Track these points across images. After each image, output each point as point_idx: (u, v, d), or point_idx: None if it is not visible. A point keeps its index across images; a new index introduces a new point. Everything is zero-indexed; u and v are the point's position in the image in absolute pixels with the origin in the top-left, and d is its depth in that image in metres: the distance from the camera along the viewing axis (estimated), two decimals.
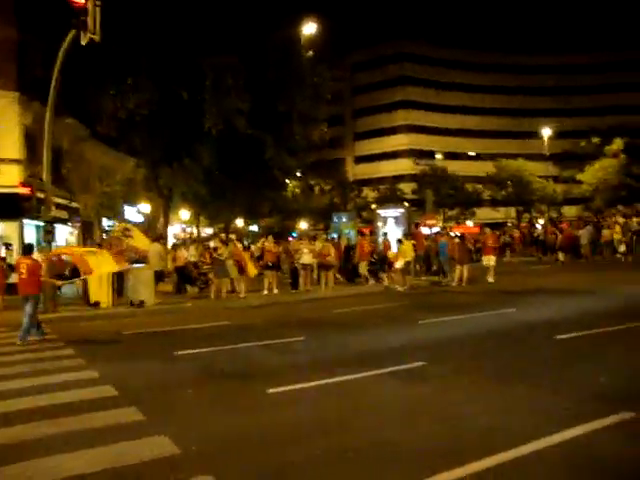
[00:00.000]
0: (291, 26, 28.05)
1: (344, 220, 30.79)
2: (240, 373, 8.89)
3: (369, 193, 71.19)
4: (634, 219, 34.23)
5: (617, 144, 64.51)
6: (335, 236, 28.11)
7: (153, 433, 6.04)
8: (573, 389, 7.26)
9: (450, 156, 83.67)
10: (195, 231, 50.74)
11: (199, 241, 36.11)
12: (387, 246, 22.62)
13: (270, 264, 20.63)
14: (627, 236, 30.26)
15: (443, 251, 22.40)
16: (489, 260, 21.76)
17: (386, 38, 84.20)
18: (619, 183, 62.68)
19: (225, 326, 14.26)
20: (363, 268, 22.47)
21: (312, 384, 7.84)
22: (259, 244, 24.11)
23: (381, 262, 22.60)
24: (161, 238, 26.38)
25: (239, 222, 54.78)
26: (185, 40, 25.28)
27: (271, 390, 7.61)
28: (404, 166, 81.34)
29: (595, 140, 69.07)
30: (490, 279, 21.25)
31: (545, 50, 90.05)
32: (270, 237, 22.70)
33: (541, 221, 55.42)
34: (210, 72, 25.36)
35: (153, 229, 33.29)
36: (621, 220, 33.15)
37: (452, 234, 25.57)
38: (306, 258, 20.77)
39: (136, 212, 36.92)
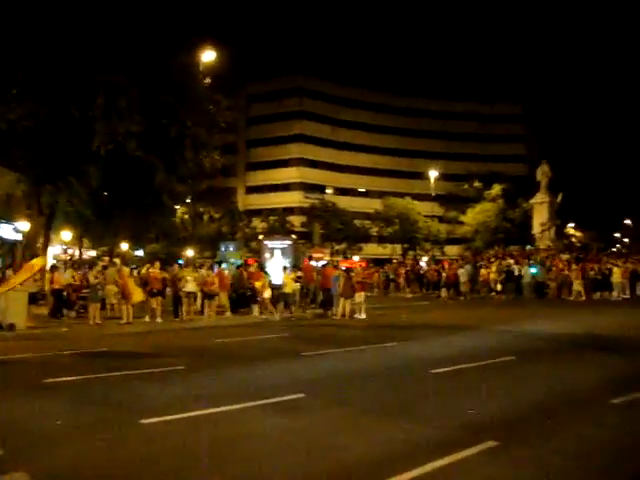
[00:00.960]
0: (191, 52, 27.87)
1: (231, 249, 30.67)
2: (114, 403, 8.54)
3: (259, 224, 71.16)
4: (509, 260, 36.22)
5: (496, 189, 69.09)
6: (224, 265, 27.86)
7: (10, 469, 5.60)
8: (445, 420, 7.50)
9: (341, 191, 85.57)
10: (77, 253, 48.73)
11: (81, 264, 34.72)
12: (256, 276, 22.51)
13: (155, 291, 20.14)
14: (502, 276, 32.00)
15: (335, 285, 22.62)
16: (359, 296, 21.68)
17: (285, 72, 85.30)
18: (497, 226, 66.35)
19: (102, 353, 13.71)
20: (224, 299, 22.20)
21: (188, 415, 7.66)
22: (144, 270, 23.48)
23: (248, 293, 22.59)
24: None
25: (124, 246, 53.14)
26: (78, 55, 24.48)
27: (144, 421, 7.36)
28: (295, 199, 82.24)
29: (477, 184, 73.49)
30: (362, 315, 21.31)
31: (436, 96, 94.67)
32: (156, 263, 22.19)
33: (425, 258, 57.35)
34: (103, 91, 24.67)
35: (31, 249, 31.66)
36: (496, 261, 34.94)
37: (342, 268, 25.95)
38: (190, 286, 20.45)
39: (13, 230, 35.04)
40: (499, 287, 31.34)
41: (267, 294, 21.01)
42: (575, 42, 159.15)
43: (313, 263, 26.62)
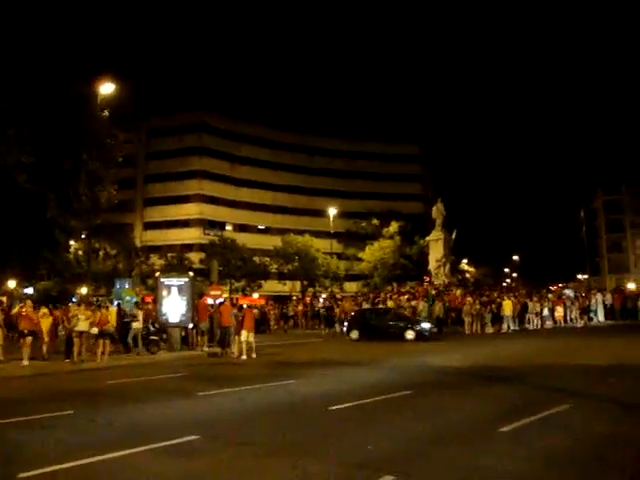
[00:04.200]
0: (89, 83, 27.18)
1: (127, 286, 29.73)
2: None
3: (156, 260, 69.50)
4: (406, 297, 37.06)
5: (393, 227, 71.08)
6: (116, 302, 26.96)
7: None
8: (343, 457, 7.49)
9: (240, 228, 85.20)
10: None
11: None
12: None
13: (25, 331, 18.93)
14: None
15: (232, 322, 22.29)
16: (248, 336, 20.69)
17: (186, 107, 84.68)
18: (394, 262, 67.93)
19: None
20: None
21: (75, 464, 7.21)
22: (15, 309, 22.12)
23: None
24: None
25: (12, 283, 50.49)
26: None
27: (24, 474, 6.83)
28: (194, 235, 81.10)
29: (375, 222, 75.28)
30: (252, 355, 20.58)
31: (336, 134, 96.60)
32: (28, 301, 21.03)
33: (324, 295, 57.75)
34: None
35: None
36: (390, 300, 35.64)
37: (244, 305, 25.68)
38: (82, 325, 19.60)
39: None
40: None
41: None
42: (471, 88, 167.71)
43: (210, 301, 26.24)
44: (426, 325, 27.88)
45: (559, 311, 34.91)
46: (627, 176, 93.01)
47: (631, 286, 58.11)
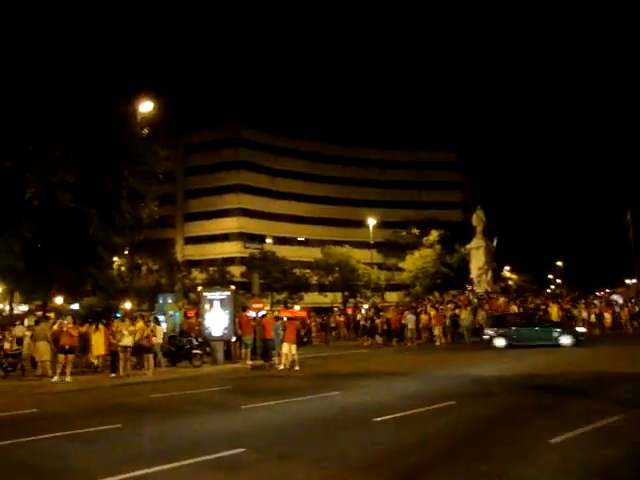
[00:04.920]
0: (128, 102, 27.63)
1: (169, 301, 30.03)
2: (43, 468, 8.08)
3: (198, 275, 70.24)
4: (449, 305, 36.61)
5: (433, 236, 70.37)
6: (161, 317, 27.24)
7: None
8: (387, 468, 7.38)
9: (280, 241, 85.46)
10: (7, 308, 46.88)
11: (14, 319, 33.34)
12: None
13: (67, 347, 19.08)
14: (442, 321, 32.24)
15: (276, 334, 22.40)
16: (290, 348, 20.78)
17: (222, 121, 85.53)
18: (435, 271, 67.28)
19: (32, 414, 13.06)
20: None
21: (123, 477, 7.30)
22: (56, 326, 22.39)
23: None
24: None
25: (59, 300, 51.48)
26: (10, 104, 23.99)
27: None
28: (234, 249, 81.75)
29: (414, 231, 74.73)
30: (295, 367, 20.59)
31: (373, 144, 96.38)
32: (69, 318, 21.34)
33: (366, 306, 57.49)
34: (36, 141, 24.16)
35: None
36: (432, 309, 35.17)
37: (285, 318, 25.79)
38: (126, 340, 19.86)
39: None
40: (436, 332, 31.42)
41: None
42: (508, 93, 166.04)
43: (252, 314, 26.29)
44: (581, 329, 27.21)
45: (607, 317, 34.11)
46: None
47: None
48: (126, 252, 45.03)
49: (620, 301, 38.22)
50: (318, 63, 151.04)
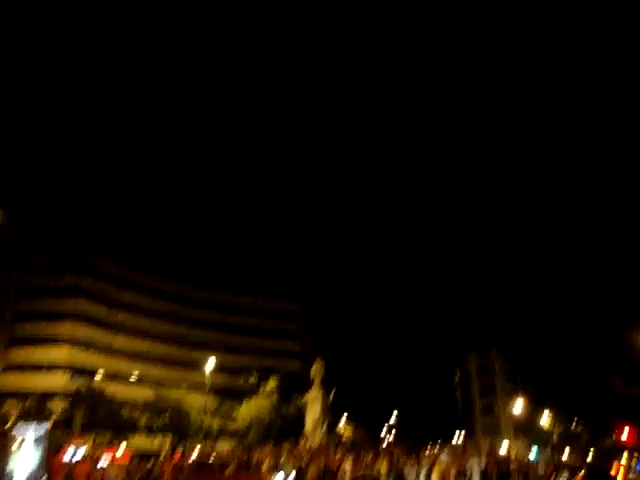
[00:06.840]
0: None
1: None
2: None
3: (13, 406, 63.96)
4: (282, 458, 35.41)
5: (271, 384, 69.36)
6: None
7: None
8: None
9: (111, 376, 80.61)
10: None
11: None
12: None
13: None
14: None
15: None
16: None
17: (65, 246, 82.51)
18: (270, 422, 65.77)
19: None
20: None
21: None
22: None
23: None
24: None
25: None
26: None
27: None
28: (59, 381, 75.85)
29: (252, 380, 73.57)
30: None
31: (216, 287, 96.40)
32: None
33: (195, 452, 54.47)
34: None
35: None
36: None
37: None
38: None
39: None
40: None
41: None
42: (351, 248, 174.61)
43: (70, 451, 23.88)
44: None
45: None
46: (496, 339, 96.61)
47: (502, 451, 58.85)
48: None
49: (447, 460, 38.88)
50: (168, 203, 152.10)
